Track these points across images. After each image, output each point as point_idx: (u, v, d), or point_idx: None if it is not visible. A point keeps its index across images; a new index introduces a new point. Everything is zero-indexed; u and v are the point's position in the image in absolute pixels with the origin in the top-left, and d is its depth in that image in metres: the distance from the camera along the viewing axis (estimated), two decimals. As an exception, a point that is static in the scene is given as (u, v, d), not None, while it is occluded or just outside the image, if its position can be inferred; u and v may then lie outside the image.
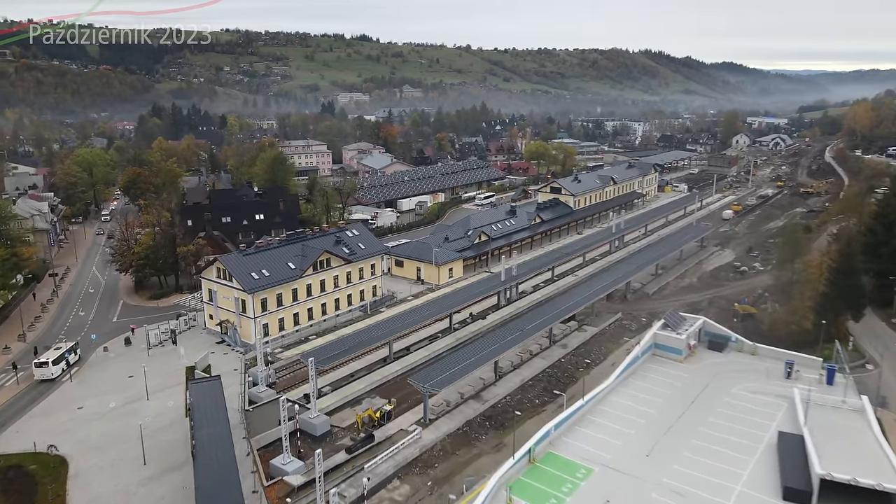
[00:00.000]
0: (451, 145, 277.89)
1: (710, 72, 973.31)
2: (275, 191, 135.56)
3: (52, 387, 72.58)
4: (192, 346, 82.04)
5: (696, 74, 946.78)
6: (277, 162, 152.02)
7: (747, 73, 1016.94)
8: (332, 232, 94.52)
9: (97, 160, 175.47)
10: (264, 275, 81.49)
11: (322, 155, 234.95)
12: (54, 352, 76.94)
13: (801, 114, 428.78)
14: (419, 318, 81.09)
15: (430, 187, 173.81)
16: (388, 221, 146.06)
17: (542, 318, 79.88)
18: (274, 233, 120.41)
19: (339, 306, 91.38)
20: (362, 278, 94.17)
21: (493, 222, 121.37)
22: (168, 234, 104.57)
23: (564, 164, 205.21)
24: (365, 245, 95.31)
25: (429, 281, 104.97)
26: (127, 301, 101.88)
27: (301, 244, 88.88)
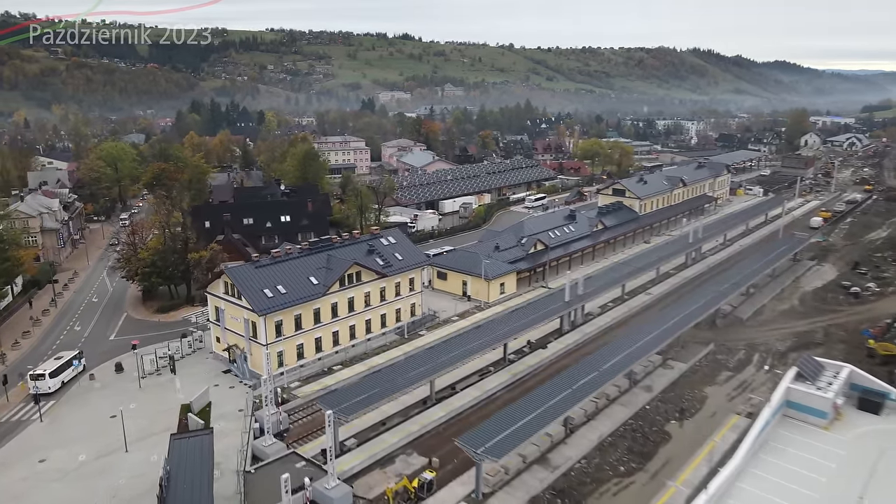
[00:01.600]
0: (496, 143, 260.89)
1: (761, 71, 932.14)
2: (304, 189, 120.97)
3: (17, 428, 58.60)
4: (194, 376, 67.36)
5: (746, 74, 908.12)
6: (309, 157, 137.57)
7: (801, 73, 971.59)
8: (363, 239, 78.89)
9: (122, 154, 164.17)
10: (280, 292, 66.28)
11: (360, 152, 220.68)
12: (53, 362, 66.63)
13: (870, 113, 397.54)
14: (468, 351, 64.63)
15: (474, 187, 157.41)
16: (429, 225, 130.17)
17: (622, 355, 62.62)
18: (300, 237, 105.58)
19: (370, 329, 75.77)
20: (399, 295, 78.36)
21: (550, 229, 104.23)
22: (178, 237, 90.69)
23: (620, 163, 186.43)
24: (403, 255, 79.45)
25: (476, 297, 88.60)
26: (131, 314, 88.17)
27: (326, 254, 73.48)
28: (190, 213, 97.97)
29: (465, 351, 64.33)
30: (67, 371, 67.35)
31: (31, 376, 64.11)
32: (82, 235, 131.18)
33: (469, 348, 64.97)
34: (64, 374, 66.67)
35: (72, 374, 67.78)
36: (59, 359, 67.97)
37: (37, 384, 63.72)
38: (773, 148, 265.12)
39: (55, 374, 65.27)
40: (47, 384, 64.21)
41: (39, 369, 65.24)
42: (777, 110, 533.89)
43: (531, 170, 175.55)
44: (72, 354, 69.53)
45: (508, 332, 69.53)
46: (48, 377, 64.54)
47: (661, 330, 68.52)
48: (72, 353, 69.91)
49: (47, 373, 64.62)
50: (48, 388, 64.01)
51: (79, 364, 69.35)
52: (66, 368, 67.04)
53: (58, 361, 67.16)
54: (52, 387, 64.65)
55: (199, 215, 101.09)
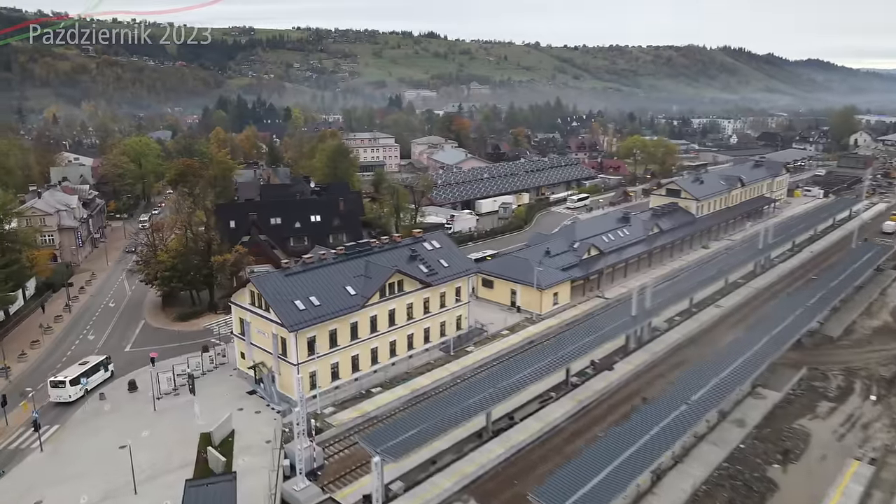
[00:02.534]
0: (528, 141, 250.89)
1: (794, 69, 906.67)
2: (334, 188, 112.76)
3: (14, 459, 50.76)
4: (215, 398, 59.10)
5: (778, 72, 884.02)
6: (339, 154, 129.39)
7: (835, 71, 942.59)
8: (404, 243, 69.98)
9: (147, 150, 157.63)
10: (312, 304, 57.65)
11: (389, 149, 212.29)
12: (77, 368, 61.38)
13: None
14: (529, 376, 55.29)
15: (512, 186, 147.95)
16: (466, 226, 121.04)
17: (711, 384, 53.02)
18: (332, 239, 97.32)
19: (412, 345, 66.91)
20: (444, 307, 69.36)
21: (604, 232, 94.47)
22: (201, 238, 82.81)
23: (663, 162, 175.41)
24: (449, 262, 70.40)
25: (527, 308, 79.28)
26: (150, 322, 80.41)
27: (364, 260, 64.74)
28: (214, 211, 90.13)
29: (526, 376, 55.00)
30: (92, 378, 61.25)
31: (51, 383, 58.93)
32: (103, 234, 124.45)
33: (529, 373, 55.64)
34: (87, 381, 60.51)
35: (97, 382, 61.83)
36: (83, 364, 62.03)
37: (57, 392, 58.75)
38: (820, 147, 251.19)
39: (77, 381, 59.41)
40: (67, 392, 58.56)
41: (60, 375, 59.83)
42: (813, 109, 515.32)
43: (570, 168, 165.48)
44: (98, 360, 63.25)
45: (572, 353, 60.07)
46: (68, 384, 58.69)
47: (752, 353, 58.65)
48: (98, 358, 63.58)
49: (68, 380, 58.75)
50: (68, 397, 58.53)
51: (106, 371, 63.38)
52: (90, 375, 61.12)
53: (81, 367, 61.26)
54: (73, 395, 58.87)
55: (224, 214, 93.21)
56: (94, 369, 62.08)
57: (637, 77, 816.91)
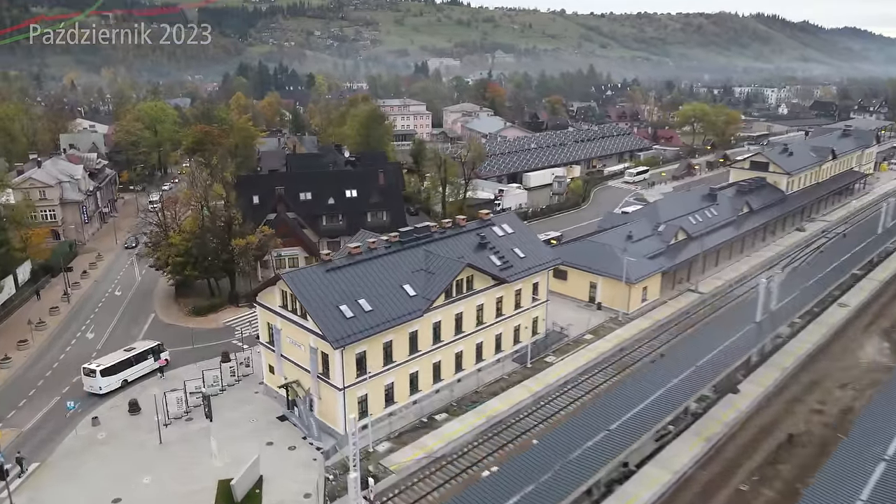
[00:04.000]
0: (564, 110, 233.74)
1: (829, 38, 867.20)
2: (370, 158, 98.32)
3: (-26, 517, 38.16)
4: (237, 425, 45.92)
5: (813, 41, 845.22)
6: (373, 120, 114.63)
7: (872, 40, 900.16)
8: (471, 228, 55.56)
9: (163, 115, 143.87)
10: (362, 309, 43.83)
11: (420, 117, 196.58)
12: (118, 354, 52.75)
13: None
14: (649, 412, 41.18)
15: (561, 158, 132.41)
16: (516, 202, 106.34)
17: None
18: (369, 217, 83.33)
19: (481, 355, 53.04)
20: (519, 307, 55.22)
21: (690, 213, 79.37)
22: (220, 216, 69.24)
23: (724, 132, 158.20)
24: (525, 251, 56.00)
25: (610, 306, 64.92)
26: (160, 316, 67.35)
27: (424, 249, 50.66)
28: (234, 185, 76.41)
29: (647, 414, 40.94)
30: (135, 368, 52.42)
31: (84, 370, 50.85)
32: (113, 208, 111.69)
33: (650, 408, 41.55)
34: (128, 371, 51.86)
35: (143, 372, 53.00)
36: (129, 350, 53.45)
37: (88, 381, 50.61)
38: (881, 117, 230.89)
39: (111, 371, 50.85)
40: (97, 383, 50.03)
41: (94, 363, 51.27)
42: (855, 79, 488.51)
43: (623, 138, 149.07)
44: (147, 346, 54.40)
45: (698, 378, 45.74)
46: (99, 375, 50.01)
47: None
48: (147, 344, 54.73)
49: (98, 370, 50.11)
50: (98, 389, 50.20)
51: (156, 360, 54.13)
52: (134, 364, 52.43)
53: (125, 354, 52.74)
54: (104, 388, 50.33)
55: (246, 188, 79.32)
56: (140, 357, 52.90)
57: (666, 46, 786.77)
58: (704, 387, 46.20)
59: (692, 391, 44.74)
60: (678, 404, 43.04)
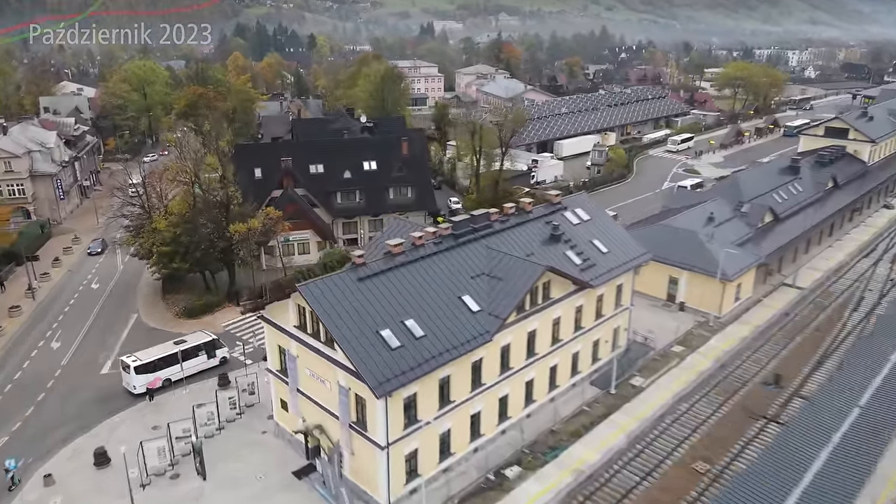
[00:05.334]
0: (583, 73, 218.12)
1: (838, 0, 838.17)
2: (388, 123, 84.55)
3: None
4: (240, 485, 33.59)
5: (822, 2, 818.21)
6: (389, 80, 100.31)
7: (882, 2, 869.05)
8: (538, 215, 42.28)
9: (152, 76, 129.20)
10: (412, 334, 31.11)
11: (432, 80, 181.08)
12: (164, 348, 44.04)
13: None
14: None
15: (594, 124, 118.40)
16: (552, 175, 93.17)
17: None
18: (392, 194, 70.18)
19: (555, 381, 40.48)
20: (600, 317, 42.48)
21: (773, 189, 66.19)
22: (214, 196, 56.12)
23: (766, 96, 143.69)
24: (607, 243, 42.96)
25: (695, 306, 52.27)
26: (144, 318, 54.67)
27: (483, 245, 37.69)
28: (232, 156, 62.99)
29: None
30: (181, 366, 43.58)
31: (121, 363, 43.02)
32: (96, 181, 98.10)
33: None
34: (172, 369, 43.24)
35: (191, 371, 44.07)
36: (179, 342, 44.84)
37: (125, 378, 42.84)
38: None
39: (149, 368, 42.26)
40: (132, 381, 42.17)
41: (131, 357, 42.78)
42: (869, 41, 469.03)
43: (658, 102, 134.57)
44: (200, 340, 45.36)
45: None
46: (133, 372, 41.78)
47: None
48: (202, 338, 45.64)
49: (132, 366, 41.85)
50: (133, 388, 42.26)
51: (210, 357, 45.20)
52: (177, 361, 43.50)
53: (172, 347, 44.14)
54: (138, 387, 42.07)
55: (246, 160, 65.87)
56: (190, 353, 44.22)
57: (673, 8, 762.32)
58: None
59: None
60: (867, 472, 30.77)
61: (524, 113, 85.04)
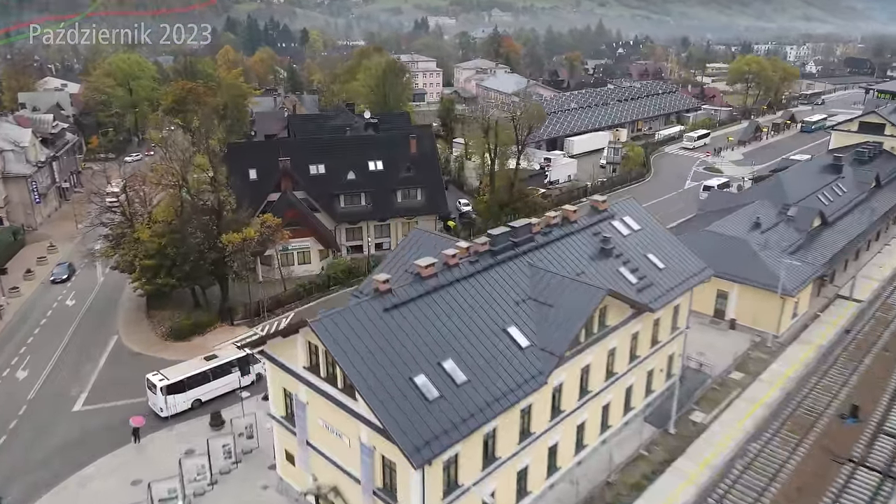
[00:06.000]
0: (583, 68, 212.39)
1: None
2: (392, 120, 78.25)
3: None
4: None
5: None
6: (391, 74, 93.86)
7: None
8: (584, 224, 36.08)
9: (139, 70, 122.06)
10: (452, 380, 24.96)
11: (431, 75, 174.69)
12: (196, 364, 39.49)
13: None
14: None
15: (605, 119, 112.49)
16: (566, 174, 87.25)
17: None
18: (400, 197, 63.95)
19: (606, 421, 34.43)
20: (655, 344, 36.50)
21: (818, 190, 60.52)
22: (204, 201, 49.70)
23: (777, 91, 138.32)
24: (663, 258, 36.92)
25: (749, 324, 46.39)
26: (125, 340, 48.12)
27: (525, 260, 31.53)
28: (224, 156, 56.53)
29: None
30: (213, 385, 38.88)
31: (148, 383, 38.05)
32: (77, 182, 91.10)
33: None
34: (203, 388, 38.56)
35: (223, 390, 39.15)
36: (210, 358, 39.89)
37: (152, 398, 38.06)
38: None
39: (179, 387, 37.55)
40: (159, 403, 37.38)
41: (158, 375, 37.99)
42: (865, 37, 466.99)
43: (669, 97, 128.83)
44: (233, 356, 40.17)
45: None
46: (160, 392, 37.11)
47: None
48: (233, 354, 40.40)
49: (159, 386, 37.14)
50: (160, 410, 37.56)
51: (245, 375, 39.89)
52: (208, 380, 38.76)
53: (203, 364, 39.29)
54: (165, 410, 37.40)
55: (240, 160, 59.42)
56: (222, 371, 39.38)
57: (666, 4, 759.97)
58: None
59: None
60: None
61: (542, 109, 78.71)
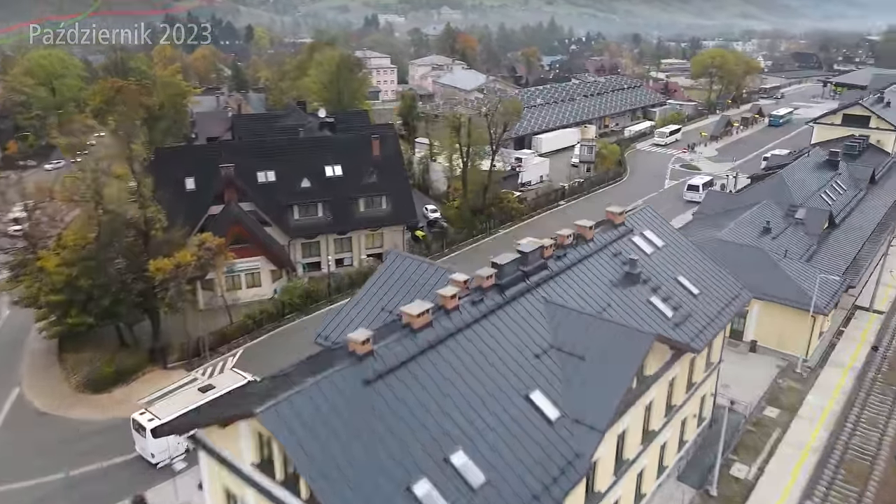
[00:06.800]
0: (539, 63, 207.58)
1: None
2: (354, 119, 69.99)
3: None
4: None
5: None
6: (345, 69, 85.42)
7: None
8: (601, 243, 29.14)
9: (62, 68, 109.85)
10: (465, 482, 17.55)
11: (384, 72, 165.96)
12: (190, 396, 31.29)
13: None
14: None
15: (572, 116, 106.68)
16: (538, 174, 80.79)
17: None
18: (363, 206, 56.06)
19: (640, 490, 27.56)
20: (691, 387, 29.88)
21: (821, 188, 55.57)
22: (126, 221, 40.73)
23: (739, 85, 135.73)
24: (695, 279, 30.23)
25: (775, 347, 40.47)
26: (30, 394, 38.70)
27: (540, 293, 24.33)
28: (152, 163, 47.47)
29: None
30: None
31: (134, 423, 30.83)
32: (-12, 194, 79.29)
33: None
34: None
35: None
36: (206, 389, 32.11)
37: (139, 442, 30.88)
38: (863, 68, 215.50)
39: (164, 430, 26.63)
40: (148, 447, 30.20)
41: (145, 413, 30.86)
42: (806, 33, 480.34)
43: (635, 92, 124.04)
44: (233, 383, 32.14)
45: None
46: (150, 434, 29.73)
47: None
48: (233, 380, 33.08)
49: (150, 426, 29.83)
50: (150, 457, 30.50)
51: None
52: None
53: (201, 397, 30.64)
54: (157, 456, 30.49)
55: (172, 167, 50.37)
56: None
57: (612, 2, 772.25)
58: None
59: None
60: None
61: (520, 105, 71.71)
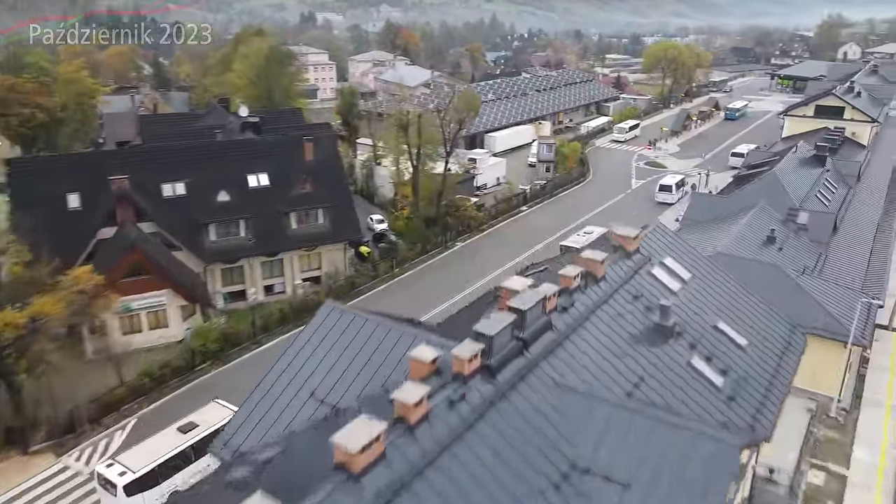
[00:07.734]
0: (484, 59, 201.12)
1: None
2: (285, 118, 60.13)
3: None
4: None
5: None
6: (275, 60, 75.23)
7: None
8: (614, 282, 21.13)
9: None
10: None
11: (322, 69, 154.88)
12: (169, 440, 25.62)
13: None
14: None
15: (524, 112, 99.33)
16: (495, 176, 72.83)
17: None
18: (295, 223, 46.53)
19: None
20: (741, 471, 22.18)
21: (815, 188, 49.62)
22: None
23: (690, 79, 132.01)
24: (741, 327, 22.58)
25: (803, 385, 33.33)
26: None
27: (546, 373, 15.94)
28: (7, 177, 36.69)
29: None
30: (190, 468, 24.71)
31: (99, 478, 24.55)
32: None
33: None
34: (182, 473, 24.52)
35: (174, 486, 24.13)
36: (187, 429, 26.26)
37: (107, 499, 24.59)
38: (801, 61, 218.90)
39: (146, 481, 23.59)
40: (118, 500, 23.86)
41: (114, 465, 24.52)
42: (740, 30, 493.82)
43: (588, 87, 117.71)
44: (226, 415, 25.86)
45: None
46: (121, 491, 23.49)
47: None
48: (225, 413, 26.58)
49: (122, 482, 23.60)
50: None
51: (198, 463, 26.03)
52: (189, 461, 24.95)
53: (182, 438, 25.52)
54: None
55: (41, 183, 39.61)
56: (206, 444, 23.26)
57: (551, 0, 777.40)
58: None
59: None
60: None
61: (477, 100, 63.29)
